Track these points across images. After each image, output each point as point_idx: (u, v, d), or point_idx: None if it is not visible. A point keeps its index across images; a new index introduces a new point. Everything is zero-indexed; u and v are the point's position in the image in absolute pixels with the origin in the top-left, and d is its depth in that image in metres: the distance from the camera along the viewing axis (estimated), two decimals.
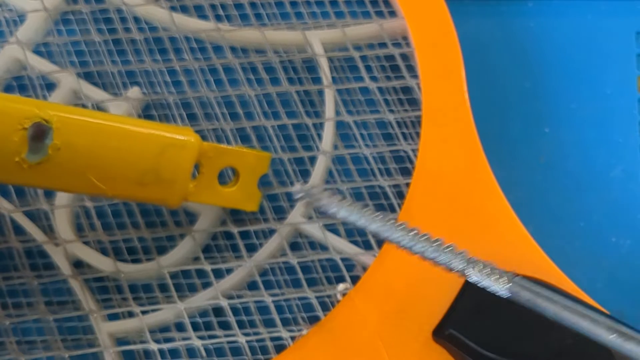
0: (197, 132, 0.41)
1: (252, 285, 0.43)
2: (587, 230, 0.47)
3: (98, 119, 0.40)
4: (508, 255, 0.42)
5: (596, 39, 0.49)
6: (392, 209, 0.44)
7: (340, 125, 0.45)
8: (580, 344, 0.38)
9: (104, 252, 0.44)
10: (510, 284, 0.30)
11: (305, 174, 0.44)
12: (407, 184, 0.44)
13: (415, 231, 0.34)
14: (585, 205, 0.47)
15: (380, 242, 0.43)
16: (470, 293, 0.41)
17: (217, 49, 0.46)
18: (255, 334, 0.43)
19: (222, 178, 0.42)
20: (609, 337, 0.24)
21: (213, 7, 0.46)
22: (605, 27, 0.49)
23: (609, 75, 0.48)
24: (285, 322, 0.43)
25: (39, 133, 0.37)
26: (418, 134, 0.44)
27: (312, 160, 0.45)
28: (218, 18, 0.46)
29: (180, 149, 0.40)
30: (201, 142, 0.40)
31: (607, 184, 0.47)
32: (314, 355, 0.42)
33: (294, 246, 0.44)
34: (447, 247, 0.33)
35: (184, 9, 0.46)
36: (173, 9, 0.46)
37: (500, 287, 0.30)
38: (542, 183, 0.47)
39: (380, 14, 0.46)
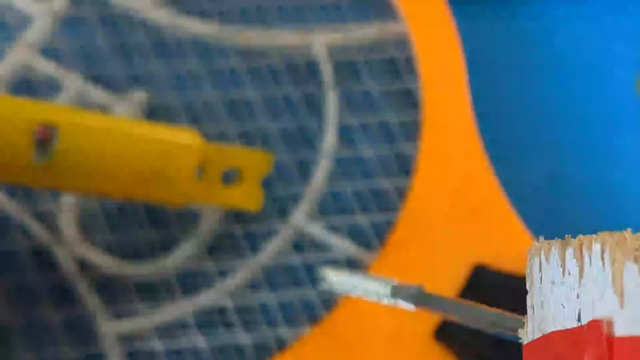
0: (201, 133, 0.42)
1: (255, 285, 0.44)
2: (587, 231, 0.47)
3: (103, 122, 0.41)
4: (508, 256, 0.42)
5: (595, 41, 0.49)
6: (393, 210, 0.44)
7: (342, 127, 0.45)
8: None
9: (109, 251, 0.44)
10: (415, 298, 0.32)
11: (307, 176, 0.45)
12: (409, 185, 0.44)
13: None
14: (585, 206, 0.47)
15: (382, 242, 0.44)
16: (472, 293, 0.42)
17: (222, 52, 0.46)
18: (259, 333, 0.43)
19: (226, 179, 0.42)
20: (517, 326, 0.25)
21: (219, 12, 0.47)
22: (605, 30, 0.49)
23: (608, 77, 0.48)
24: (288, 321, 0.43)
25: (46, 136, 0.38)
26: (419, 136, 0.44)
27: (315, 161, 0.45)
28: (223, 22, 0.47)
29: (184, 151, 0.40)
30: (205, 144, 0.41)
31: (608, 185, 0.47)
32: (315, 354, 0.42)
33: (297, 246, 0.44)
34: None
35: (189, 13, 0.47)
36: (179, 12, 0.46)
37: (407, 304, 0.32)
38: (543, 184, 0.47)
39: (382, 17, 0.47)
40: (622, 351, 0.18)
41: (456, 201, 0.43)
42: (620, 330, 0.18)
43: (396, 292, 0.33)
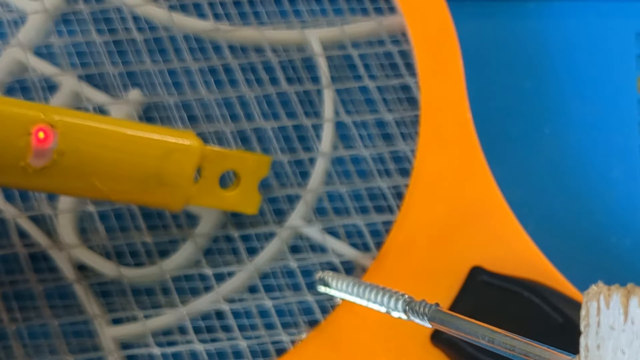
0: (197, 133, 0.41)
1: (252, 289, 0.44)
2: (587, 230, 0.47)
3: (102, 123, 0.40)
4: (506, 257, 0.42)
5: (596, 40, 0.48)
6: (391, 210, 0.44)
7: (339, 125, 0.45)
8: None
9: (107, 255, 0.44)
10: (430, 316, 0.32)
11: (304, 176, 0.45)
12: (406, 185, 0.44)
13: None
14: (585, 205, 0.47)
15: (379, 245, 0.43)
16: (468, 297, 0.42)
17: (217, 48, 0.46)
18: (256, 337, 0.43)
19: (223, 181, 0.42)
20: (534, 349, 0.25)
21: (212, 5, 0.46)
22: (605, 28, 0.48)
23: (608, 76, 0.48)
24: (286, 326, 0.43)
25: (43, 138, 0.38)
26: (417, 134, 0.44)
27: (312, 161, 0.45)
28: (217, 17, 0.46)
29: (182, 153, 0.40)
30: (203, 146, 0.41)
31: (607, 184, 0.47)
32: (314, 358, 0.42)
33: (294, 249, 0.44)
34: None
35: (183, 8, 0.46)
36: (172, 8, 0.46)
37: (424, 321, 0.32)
38: (542, 183, 0.47)
39: (379, 11, 0.46)
40: None
41: (454, 202, 0.43)
42: None
43: (386, 300, 0.33)
